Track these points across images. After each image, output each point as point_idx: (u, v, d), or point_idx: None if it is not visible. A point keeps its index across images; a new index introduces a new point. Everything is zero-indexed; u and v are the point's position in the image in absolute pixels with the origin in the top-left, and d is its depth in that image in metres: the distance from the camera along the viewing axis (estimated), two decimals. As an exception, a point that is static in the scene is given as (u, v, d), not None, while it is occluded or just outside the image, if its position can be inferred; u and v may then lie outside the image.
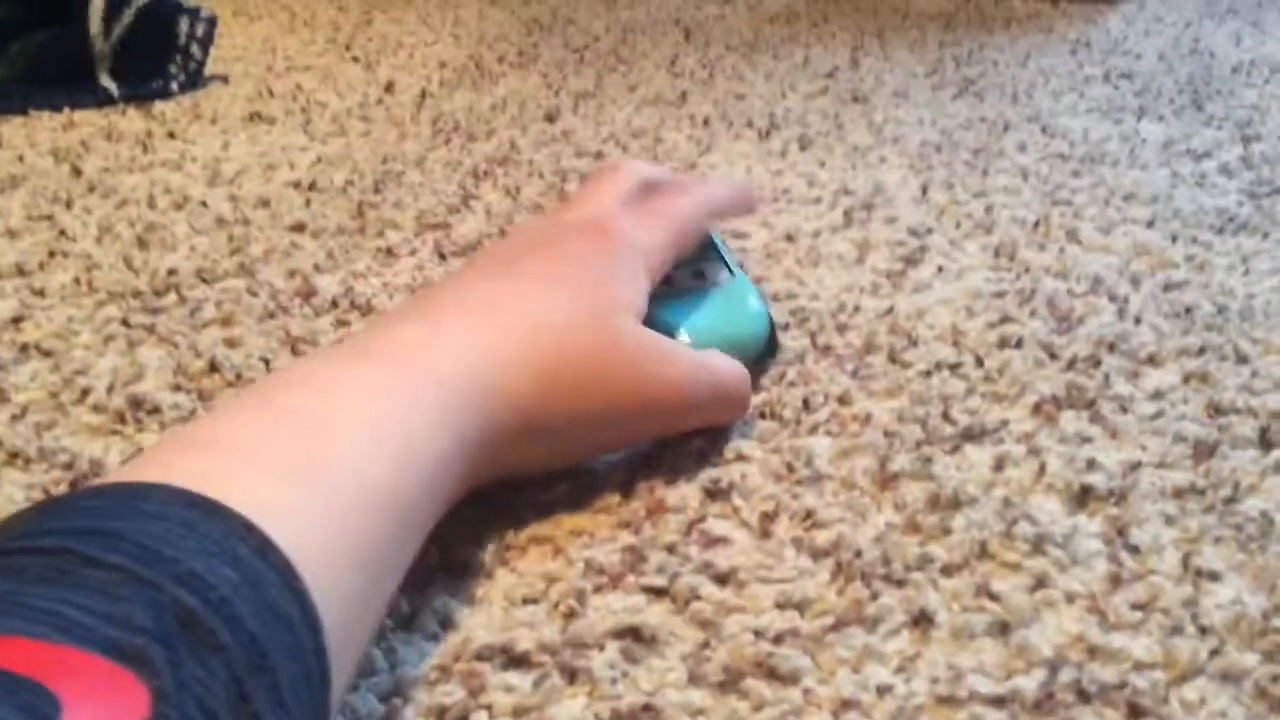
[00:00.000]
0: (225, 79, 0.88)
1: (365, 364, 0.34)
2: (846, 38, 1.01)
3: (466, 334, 0.36)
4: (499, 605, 0.34)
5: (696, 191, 0.48)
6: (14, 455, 0.41)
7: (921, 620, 0.33)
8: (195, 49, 0.86)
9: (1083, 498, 0.38)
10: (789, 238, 0.58)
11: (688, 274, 0.47)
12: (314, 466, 0.29)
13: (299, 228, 0.60)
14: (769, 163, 0.70)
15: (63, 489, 0.39)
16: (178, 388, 0.45)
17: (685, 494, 0.38)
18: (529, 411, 0.35)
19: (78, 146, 0.72)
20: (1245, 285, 0.54)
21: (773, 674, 0.31)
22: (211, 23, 0.87)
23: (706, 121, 0.78)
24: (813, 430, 0.42)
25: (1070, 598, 0.34)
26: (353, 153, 0.71)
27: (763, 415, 0.43)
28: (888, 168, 0.69)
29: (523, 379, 0.35)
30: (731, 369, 0.41)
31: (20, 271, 0.55)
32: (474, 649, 0.32)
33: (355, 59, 0.94)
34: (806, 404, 0.44)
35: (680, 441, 0.41)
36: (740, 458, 0.40)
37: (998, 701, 0.30)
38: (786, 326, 0.49)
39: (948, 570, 0.35)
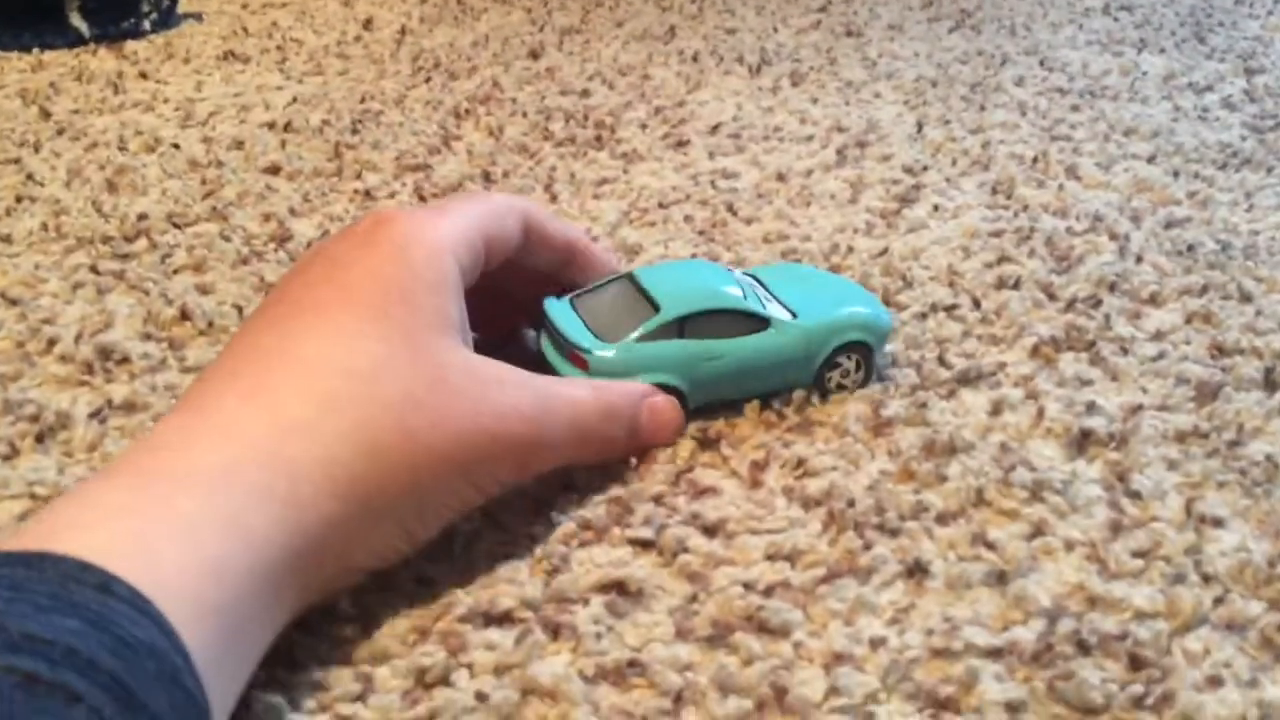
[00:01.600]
0: (199, 17, 0.86)
1: (110, 484, 0.27)
2: (839, -30, 0.99)
3: (236, 411, 0.29)
4: (480, 561, 0.32)
5: (504, 194, 0.40)
6: (-22, 408, 0.39)
7: (916, 570, 0.32)
8: (168, -14, 0.83)
9: (1082, 442, 0.37)
10: (780, 177, 0.57)
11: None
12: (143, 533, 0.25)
13: (274, 170, 0.58)
14: (759, 99, 0.68)
15: (29, 443, 0.38)
16: (148, 336, 0.44)
17: (673, 443, 0.37)
18: (354, 487, 0.28)
19: (46, 88, 0.70)
20: (1249, 222, 0.53)
21: (763, 627, 0.30)
22: (184, -42, 0.84)
23: (695, 57, 0.75)
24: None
25: (1069, 546, 0.33)
26: (330, 92, 0.69)
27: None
28: (882, 104, 0.67)
29: (331, 448, 0.28)
30: (599, 397, 0.35)
31: (-14, 217, 0.53)
32: (454, 608, 0.30)
33: (334, -4, 0.91)
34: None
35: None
36: (729, 405, 0.39)
37: (994, 653, 0.30)
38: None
39: (943, 519, 0.34)
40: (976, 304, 0.45)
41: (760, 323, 0.38)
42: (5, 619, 0.21)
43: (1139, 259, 0.49)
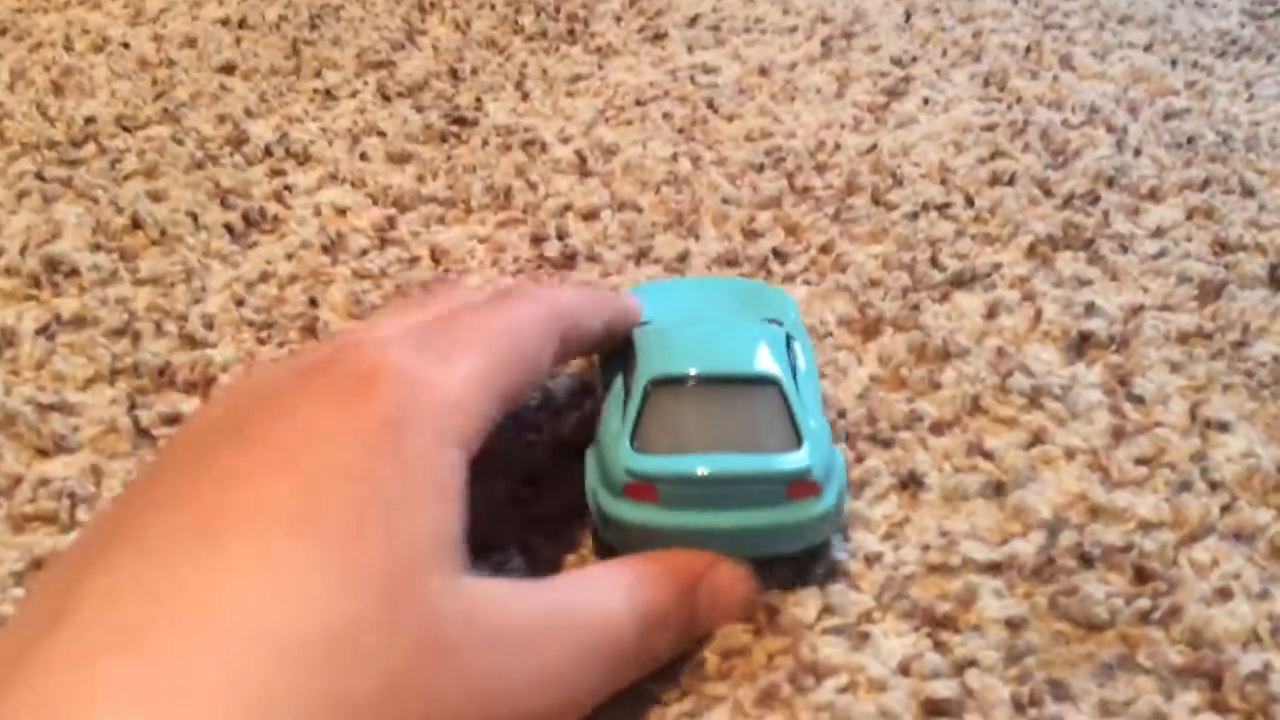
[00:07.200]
0: (148, -92, 0.81)
1: None
2: None
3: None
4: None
5: (532, 294, 0.28)
6: (-83, 326, 0.37)
7: (910, 483, 0.31)
8: (112, -126, 0.78)
9: (1081, 345, 0.36)
10: (762, 71, 0.54)
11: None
12: None
13: (228, 69, 0.55)
14: (740, -11, 0.64)
15: (-28, 362, 0.36)
16: (98, 247, 0.41)
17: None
18: None
19: (-14, -15, 0.66)
20: (1249, 112, 0.51)
21: (751, 546, 0.29)
22: None
23: (672, -54, 0.72)
24: (789, 279, 0.39)
25: (1070, 454, 0.32)
26: (288, -14, 0.65)
27: (730, 263, 0.40)
28: (867, -7, 0.64)
29: None
30: (637, 607, 0.25)
31: (-77, 123, 0.50)
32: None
33: (290, -116, 0.87)
34: (781, 252, 0.40)
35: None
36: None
37: (993, 568, 0.28)
38: (761, 168, 0.46)
39: (937, 428, 0.33)
40: (970, 202, 0.43)
41: None
42: None
43: (1137, 152, 0.46)
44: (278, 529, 0.20)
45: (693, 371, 0.27)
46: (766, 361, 0.28)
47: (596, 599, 0.24)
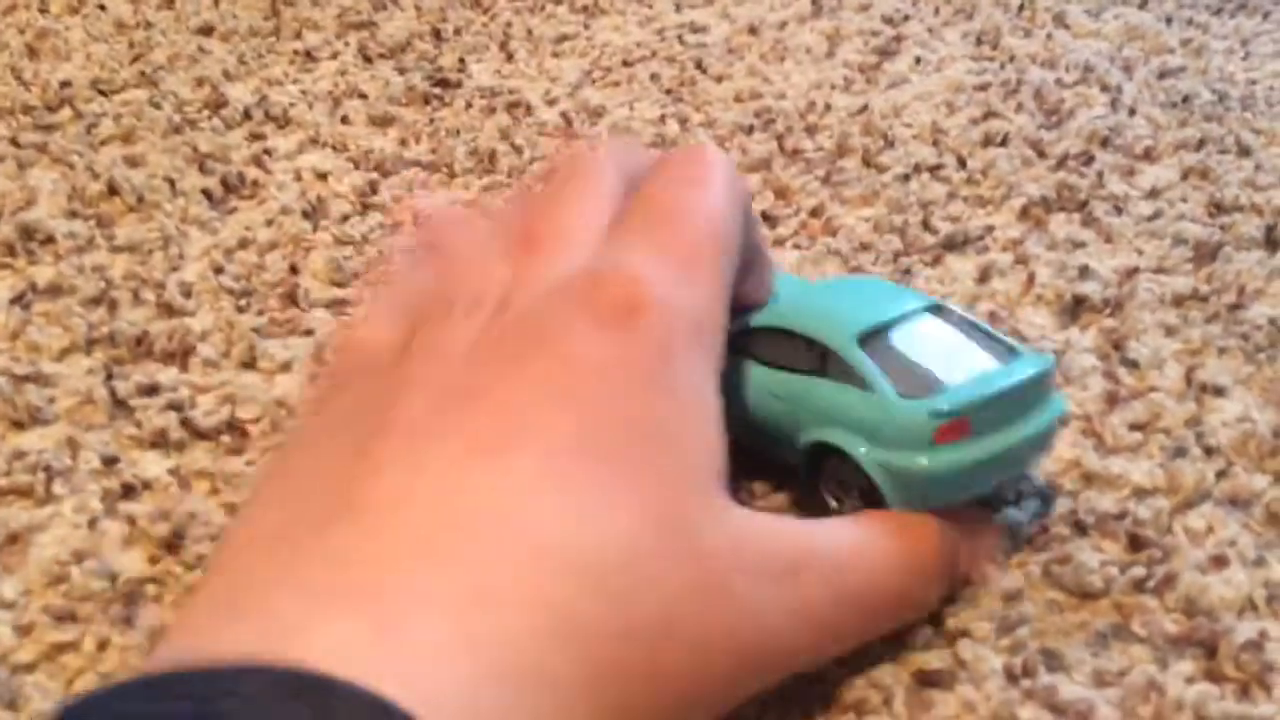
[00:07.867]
0: None
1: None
2: None
3: (435, 633, 0.18)
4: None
5: (711, 162, 0.26)
6: (-112, 296, 0.36)
7: (902, 450, 0.30)
8: None
9: (1075, 309, 0.35)
10: (752, 30, 0.53)
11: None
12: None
13: (207, 30, 0.54)
14: (728, -53, 0.63)
15: (-55, 332, 0.35)
16: (73, 214, 0.40)
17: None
18: None
19: (-42, -55, 0.65)
20: (1246, 70, 0.50)
21: (740, 515, 0.28)
22: None
23: (659, -97, 0.70)
24: (779, 243, 0.38)
25: (1063, 420, 0.31)
26: (267, -55, 0.64)
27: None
28: (858, -50, 0.63)
29: (572, 712, 0.18)
30: (911, 552, 0.25)
31: (-106, 87, 0.49)
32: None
33: None
34: (771, 215, 0.40)
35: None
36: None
37: (986, 535, 0.28)
38: (750, 130, 0.45)
39: (930, 393, 0.32)
40: (962, 163, 0.42)
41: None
42: None
43: (1132, 112, 0.46)
44: (564, 451, 0.20)
45: (873, 321, 0.26)
46: (912, 297, 0.27)
47: (859, 538, 0.24)
